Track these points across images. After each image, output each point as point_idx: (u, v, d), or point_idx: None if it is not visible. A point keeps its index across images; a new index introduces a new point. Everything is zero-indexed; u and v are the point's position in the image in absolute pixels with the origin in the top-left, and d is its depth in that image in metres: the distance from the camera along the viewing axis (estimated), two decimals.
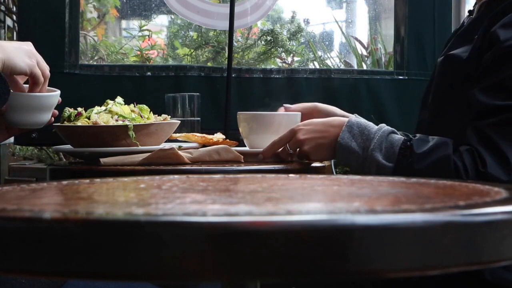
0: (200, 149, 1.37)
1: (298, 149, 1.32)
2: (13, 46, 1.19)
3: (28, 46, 1.21)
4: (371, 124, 1.27)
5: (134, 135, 1.32)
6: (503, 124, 1.14)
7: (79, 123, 1.36)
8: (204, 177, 0.84)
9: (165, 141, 1.44)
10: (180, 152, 1.29)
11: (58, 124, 1.39)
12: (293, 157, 1.35)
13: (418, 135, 1.22)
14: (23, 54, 1.19)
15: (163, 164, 1.27)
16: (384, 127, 1.25)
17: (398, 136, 1.22)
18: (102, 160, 1.29)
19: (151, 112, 1.44)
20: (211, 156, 1.34)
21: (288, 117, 1.45)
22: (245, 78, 2.24)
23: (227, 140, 1.50)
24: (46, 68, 1.23)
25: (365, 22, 3.11)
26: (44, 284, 1.18)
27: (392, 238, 0.44)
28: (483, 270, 1.10)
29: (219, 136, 1.51)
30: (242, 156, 1.36)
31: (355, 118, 1.29)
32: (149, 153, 1.29)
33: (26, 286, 1.15)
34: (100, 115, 1.36)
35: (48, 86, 1.28)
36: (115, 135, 1.32)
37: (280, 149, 1.35)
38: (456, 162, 1.14)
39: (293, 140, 1.31)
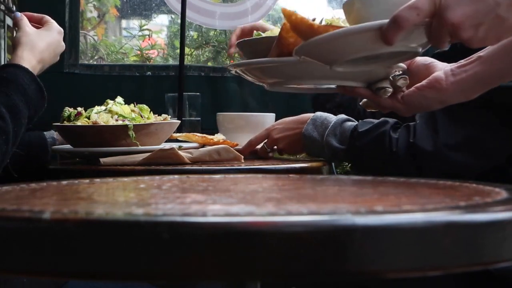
0: (200, 149, 1.37)
1: (274, 146, 1.48)
2: (51, 55, 1.30)
3: (61, 44, 1.34)
4: (332, 115, 1.39)
5: (134, 135, 1.32)
6: None
7: (79, 123, 1.36)
8: (204, 177, 0.84)
9: (166, 141, 1.44)
10: (180, 152, 1.28)
11: (58, 124, 1.39)
12: (268, 154, 1.50)
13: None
14: (57, 57, 1.33)
15: (163, 164, 1.27)
16: (341, 116, 1.37)
17: (352, 123, 1.34)
18: (102, 160, 1.28)
19: (151, 112, 1.44)
20: (211, 156, 1.34)
21: (263, 117, 1.64)
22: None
23: (228, 140, 1.50)
24: None
25: None
26: (45, 284, 1.18)
27: (393, 239, 0.44)
28: None
29: (219, 136, 1.51)
30: (243, 156, 1.37)
31: (321, 112, 1.42)
32: (149, 153, 1.28)
33: (27, 285, 1.15)
34: (100, 115, 1.36)
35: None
36: (115, 135, 1.32)
37: (259, 147, 1.50)
38: (391, 137, 1.23)
39: (269, 139, 1.48)
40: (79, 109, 1.40)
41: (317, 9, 3.26)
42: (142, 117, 1.39)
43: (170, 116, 1.47)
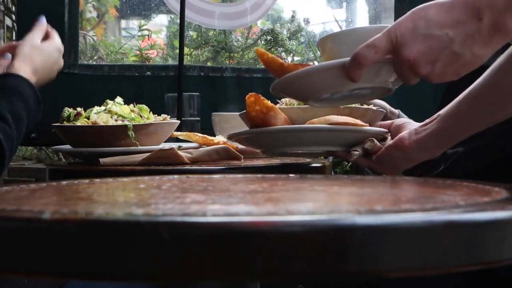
0: (200, 149, 1.37)
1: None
2: (46, 72, 1.31)
3: (59, 63, 1.35)
4: None
5: (133, 135, 1.32)
6: None
7: (78, 123, 1.36)
8: (204, 177, 0.84)
9: (166, 140, 1.44)
10: (180, 152, 1.28)
11: (58, 124, 1.39)
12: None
13: None
14: (54, 74, 1.33)
15: (163, 164, 1.27)
16: None
17: None
18: (102, 160, 1.28)
19: (151, 112, 1.44)
20: (211, 156, 1.34)
21: None
22: (245, 78, 2.24)
23: (228, 143, 1.50)
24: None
25: (365, 21, 3.11)
26: (45, 284, 1.18)
27: (392, 238, 0.44)
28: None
29: (220, 138, 1.51)
30: (242, 156, 1.36)
31: None
32: (148, 153, 1.28)
33: (28, 285, 1.15)
34: (99, 115, 1.36)
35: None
36: (115, 135, 1.32)
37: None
38: None
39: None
40: (79, 109, 1.40)
41: (317, 9, 3.26)
42: (141, 117, 1.39)
43: (169, 116, 1.47)
